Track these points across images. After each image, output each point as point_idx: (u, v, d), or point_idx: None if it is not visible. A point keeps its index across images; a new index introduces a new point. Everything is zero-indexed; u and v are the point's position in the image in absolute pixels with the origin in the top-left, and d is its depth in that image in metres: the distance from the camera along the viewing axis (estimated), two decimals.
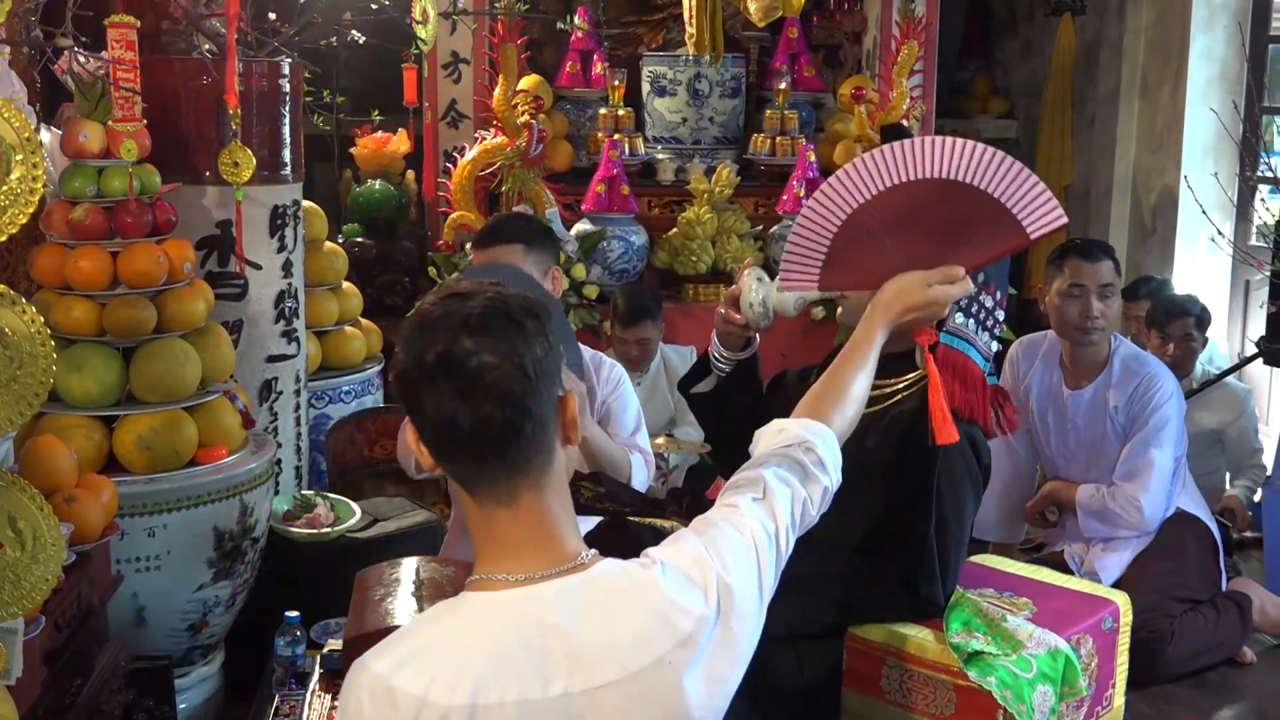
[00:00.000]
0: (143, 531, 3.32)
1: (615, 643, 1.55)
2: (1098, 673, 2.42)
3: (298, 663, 2.98)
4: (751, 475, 1.81)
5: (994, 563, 2.76)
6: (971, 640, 2.23)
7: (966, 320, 2.35)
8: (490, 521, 1.60)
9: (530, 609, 1.56)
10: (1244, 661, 3.47)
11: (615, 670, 1.54)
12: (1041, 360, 3.69)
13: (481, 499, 1.60)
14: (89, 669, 2.89)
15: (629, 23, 6.41)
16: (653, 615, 1.57)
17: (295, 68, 4.01)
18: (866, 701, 2.32)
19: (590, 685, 1.53)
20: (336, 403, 4.73)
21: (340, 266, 4.92)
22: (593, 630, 1.55)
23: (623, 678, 1.54)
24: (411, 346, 1.58)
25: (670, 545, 1.69)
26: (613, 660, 1.54)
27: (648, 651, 1.56)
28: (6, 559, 1.86)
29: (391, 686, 1.52)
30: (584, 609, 1.56)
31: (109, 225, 3.38)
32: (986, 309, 2.37)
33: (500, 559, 1.60)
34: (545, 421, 1.59)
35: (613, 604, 1.58)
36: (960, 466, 2.33)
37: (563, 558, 1.60)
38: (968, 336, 2.36)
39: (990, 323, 2.38)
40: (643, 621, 1.57)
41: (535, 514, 1.60)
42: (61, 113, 3.56)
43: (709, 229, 5.62)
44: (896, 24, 6.21)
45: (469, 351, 1.54)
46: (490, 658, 1.53)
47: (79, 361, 3.35)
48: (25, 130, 1.76)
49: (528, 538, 1.60)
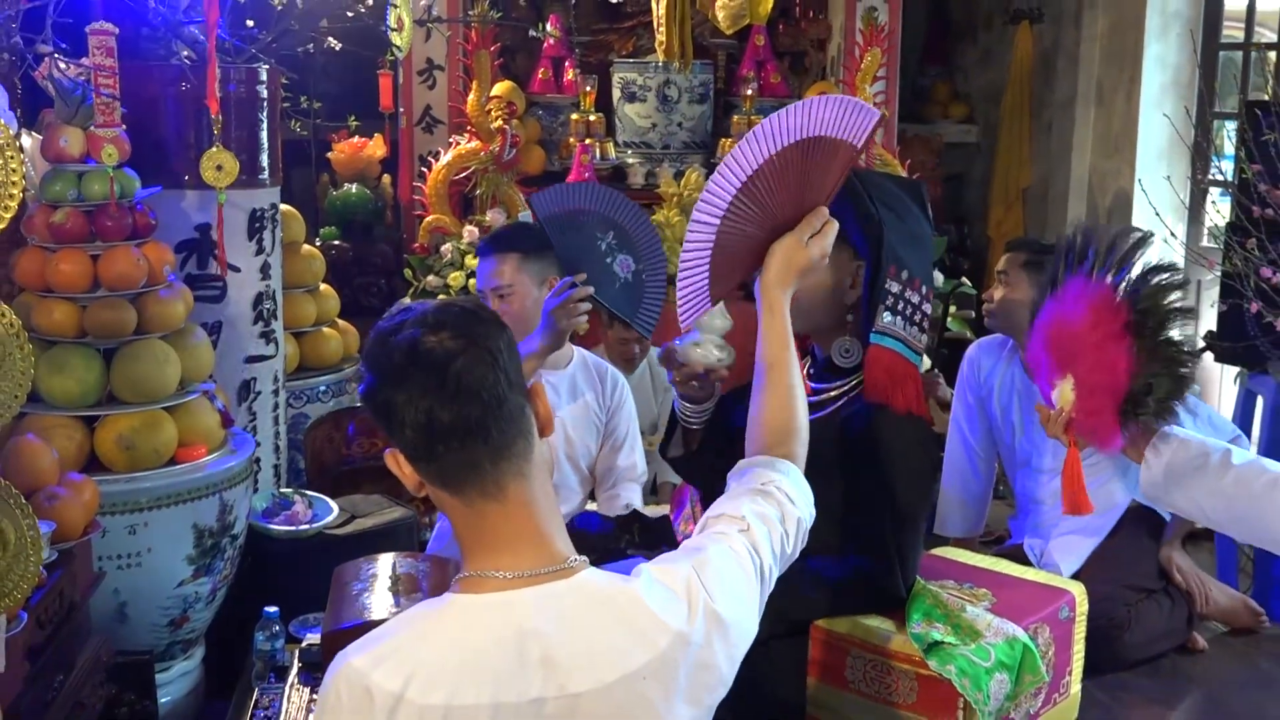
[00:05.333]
0: (124, 529, 3.31)
1: (592, 653, 1.53)
2: (1055, 660, 2.44)
3: (277, 657, 2.97)
4: (731, 511, 1.78)
5: (954, 555, 2.78)
6: (932, 630, 2.24)
7: (894, 319, 2.34)
8: (480, 518, 1.58)
9: (512, 614, 1.54)
10: (1196, 648, 3.49)
11: (590, 680, 1.52)
12: (1003, 360, 3.70)
13: (470, 495, 1.57)
14: (71, 664, 2.88)
15: (600, 30, 6.41)
16: (631, 630, 1.55)
17: (273, 74, 4.00)
18: (831, 691, 2.33)
19: (564, 693, 1.51)
20: (314, 402, 4.72)
21: (318, 269, 4.91)
22: (571, 639, 1.53)
23: (597, 688, 1.52)
24: (377, 358, 1.57)
25: (661, 563, 1.67)
26: (588, 671, 1.52)
27: (623, 665, 1.53)
28: None
29: (370, 683, 1.50)
30: (565, 616, 1.54)
31: (89, 229, 3.36)
32: (913, 304, 2.36)
33: (491, 555, 1.57)
34: (521, 405, 1.59)
35: (593, 614, 1.55)
36: (913, 463, 2.33)
37: (553, 558, 1.58)
38: (896, 334, 2.35)
39: (918, 317, 2.37)
40: (621, 635, 1.54)
41: (523, 506, 1.58)
42: (42, 118, 3.54)
43: (679, 231, 5.62)
44: (860, 32, 6.23)
45: (434, 344, 1.53)
46: (468, 660, 1.51)
47: (60, 362, 3.34)
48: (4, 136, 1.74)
49: (519, 533, 1.58)
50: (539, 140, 5.97)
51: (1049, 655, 2.40)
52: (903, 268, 2.35)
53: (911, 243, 2.40)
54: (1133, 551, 3.51)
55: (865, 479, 2.31)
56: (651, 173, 5.93)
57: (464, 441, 1.54)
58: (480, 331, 1.56)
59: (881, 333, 2.34)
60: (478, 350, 1.54)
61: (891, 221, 2.36)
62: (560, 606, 1.55)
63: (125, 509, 3.32)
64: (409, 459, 1.59)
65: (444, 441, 1.54)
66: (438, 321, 1.55)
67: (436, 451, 1.55)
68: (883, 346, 2.33)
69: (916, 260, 2.39)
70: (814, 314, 2.41)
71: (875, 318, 2.33)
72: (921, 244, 2.45)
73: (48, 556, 2.67)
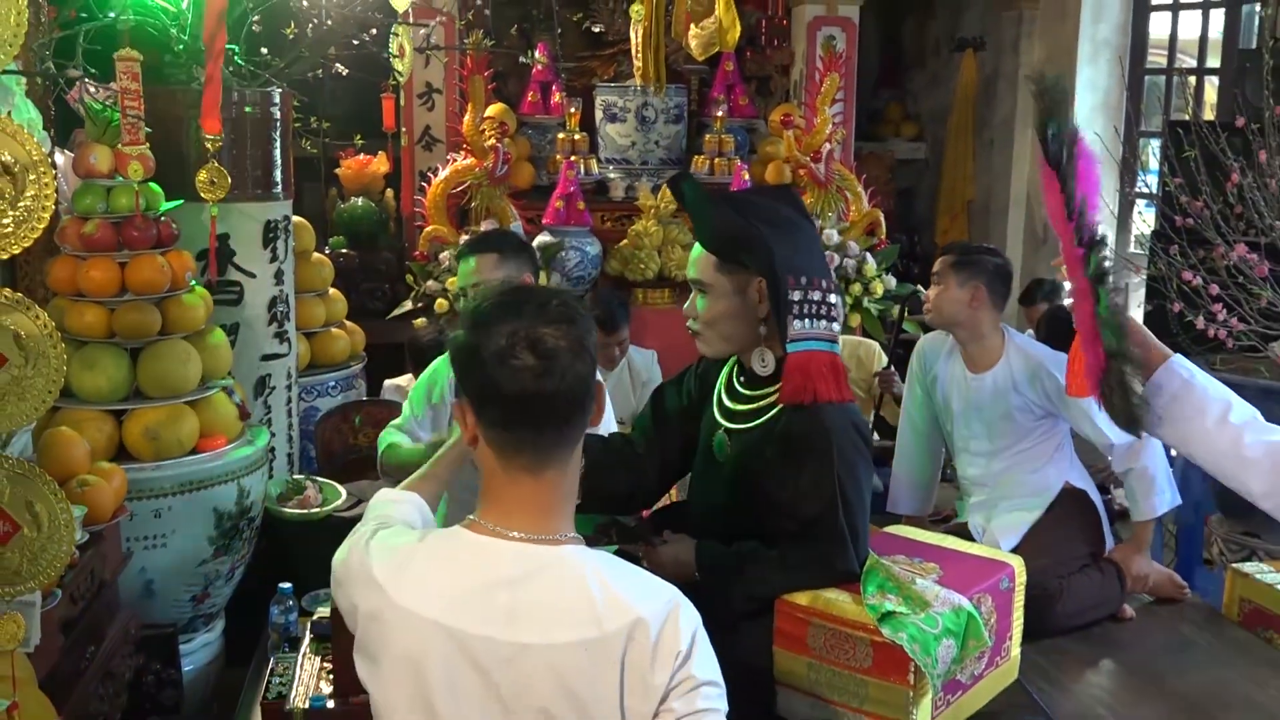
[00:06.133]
0: (150, 513, 3.30)
1: (547, 613, 1.53)
2: (997, 627, 2.45)
3: (290, 629, 2.96)
4: None
5: (906, 532, 2.78)
6: (885, 601, 2.24)
7: (803, 323, 2.32)
8: (510, 484, 1.60)
9: (496, 561, 1.57)
10: (1124, 617, 3.50)
11: (538, 636, 1.52)
12: (946, 354, 3.71)
13: (514, 464, 1.59)
14: (102, 636, 2.86)
15: (583, 57, 6.41)
16: (588, 603, 1.54)
17: (285, 97, 3.99)
18: (795, 658, 2.33)
19: (515, 640, 1.52)
20: (324, 396, 4.71)
21: (327, 275, 4.90)
22: (534, 597, 1.54)
23: (542, 644, 1.52)
24: (489, 332, 1.56)
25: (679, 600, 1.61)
26: (540, 627, 1.53)
27: (571, 632, 1.52)
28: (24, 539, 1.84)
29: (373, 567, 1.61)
30: (535, 577, 1.55)
31: (117, 238, 3.35)
32: (816, 301, 2.33)
33: (502, 515, 1.60)
34: (590, 403, 1.62)
35: (559, 583, 1.56)
36: (850, 452, 2.33)
37: (548, 530, 1.59)
38: (807, 335, 2.34)
39: (824, 310, 2.35)
40: (579, 604, 1.54)
41: (548, 486, 1.60)
42: (74, 137, 3.53)
43: (655, 240, 5.63)
44: (820, 58, 6.25)
45: (549, 335, 1.55)
46: (445, 585, 1.56)
47: (91, 361, 3.32)
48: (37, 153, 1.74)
49: (532, 504, 1.60)
50: (529, 157, 5.96)
51: (991, 622, 2.41)
52: (799, 274, 2.33)
53: (799, 247, 2.37)
54: (1065, 529, 3.53)
55: (808, 471, 2.31)
56: (631, 186, 5.94)
57: (545, 424, 1.57)
58: (584, 334, 1.59)
59: (794, 340, 2.32)
60: (583, 351, 1.57)
61: (774, 235, 2.33)
62: (535, 568, 1.56)
63: (151, 494, 3.31)
64: (478, 416, 1.60)
65: (527, 417, 1.56)
66: (558, 315, 1.57)
67: (514, 421, 1.57)
68: (798, 352, 2.32)
69: (808, 261, 2.37)
70: (734, 335, 2.42)
71: (786, 329, 2.32)
72: (808, 244, 2.42)
73: (80, 538, 2.67)
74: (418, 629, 1.54)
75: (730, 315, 2.39)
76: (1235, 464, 1.97)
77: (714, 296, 2.39)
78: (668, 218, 5.66)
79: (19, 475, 1.81)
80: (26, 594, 1.88)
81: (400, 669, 1.55)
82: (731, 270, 2.37)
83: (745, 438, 2.42)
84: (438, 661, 1.53)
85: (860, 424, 2.39)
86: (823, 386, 2.30)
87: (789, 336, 2.31)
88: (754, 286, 2.36)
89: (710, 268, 2.39)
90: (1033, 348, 3.62)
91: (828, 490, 2.29)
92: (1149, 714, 3.02)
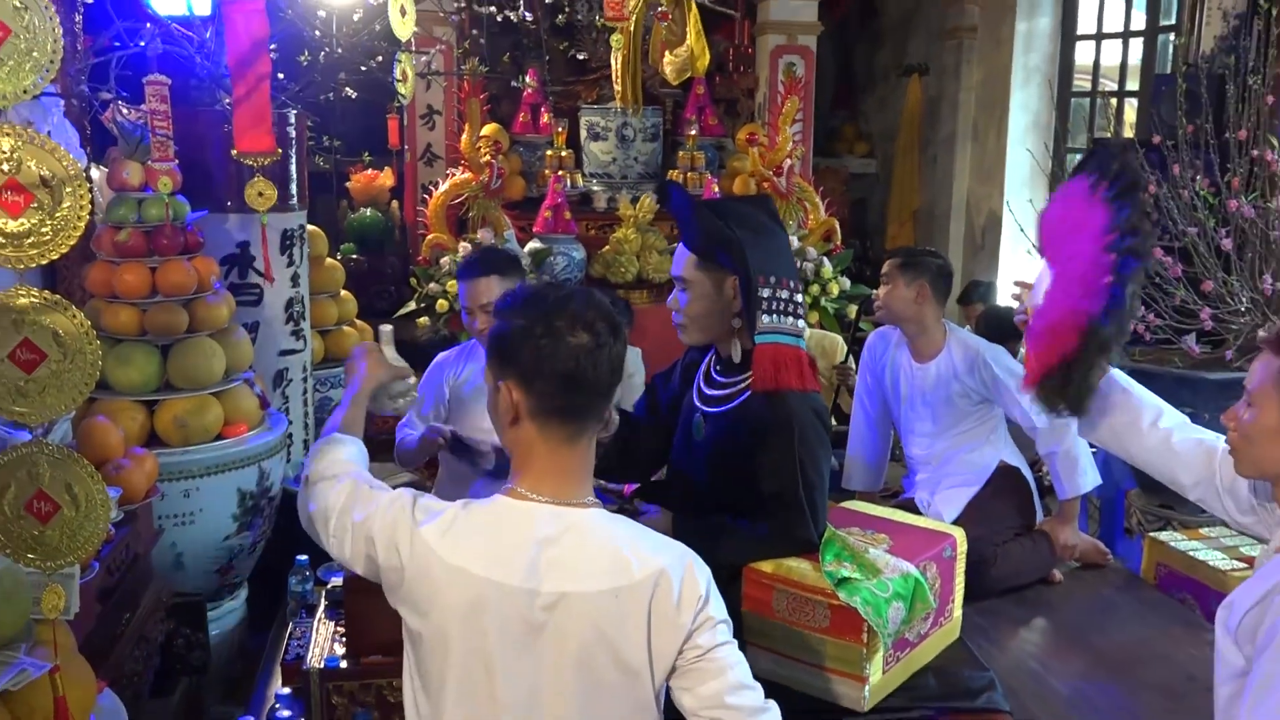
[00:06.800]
0: (179, 493, 3.28)
1: (582, 565, 1.57)
2: (941, 591, 2.45)
3: (307, 597, 2.94)
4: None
5: (859, 507, 2.78)
6: (841, 569, 2.24)
7: (771, 318, 2.32)
8: (551, 456, 1.62)
9: (533, 522, 1.59)
10: (1054, 581, 3.52)
11: (577, 584, 1.56)
12: (893, 346, 3.72)
13: (555, 435, 1.62)
14: (136, 604, 2.84)
15: (569, 82, 6.40)
16: (616, 557, 1.58)
17: (300, 118, 3.96)
18: (762, 620, 2.33)
19: (556, 589, 1.56)
20: (336, 387, 4.68)
21: (338, 278, 4.88)
22: (570, 552, 1.58)
23: (581, 592, 1.56)
24: (543, 316, 1.60)
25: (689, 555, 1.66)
26: (577, 577, 1.56)
27: (604, 581, 1.56)
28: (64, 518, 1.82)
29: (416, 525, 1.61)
30: (569, 535, 1.59)
31: (148, 246, 3.33)
32: (784, 299, 2.34)
33: (536, 481, 1.62)
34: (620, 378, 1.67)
35: (590, 538, 1.59)
36: (811, 434, 2.33)
37: (576, 494, 1.63)
38: (775, 329, 2.34)
39: (790, 307, 2.35)
40: (608, 558, 1.58)
41: (580, 456, 1.64)
42: (108, 155, 3.50)
43: (635, 246, 5.62)
44: (781, 83, 6.26)
45: (596, 319, 1.61)
46: (490, 544, 1.58)
47: (125, 356, 3.30)
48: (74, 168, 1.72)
49: (564, 471, 1.62)
50: (520, 172, 5.95)
51: (936, 587, 2.41)
52: (770, 274, 2.33)
53: (771, 250, 2.37)
54: (1000, 502, 3.54)
55: (773, 451, 2.31)
56: (612, 198, 5.93)
57: (592, 396, 1.62)
58: (619, 325, 1.64)
59: (763, 333, 2.33)
60: (620, 333, 1.64)
61: (750, 239, 2.33)
62: (568, 526, 1.60)
63: (180, 476, 3.29)
64: (526, 393, 1.61)
65: (579, 389, 1.60)
66: (597, 304, 1.64)
67: (558, 396, 1.60)
68: (765, 344, 2.32)
69: (778, 263, 2.37)
70: (710, 327, 2.42)
71: (756, 322, 2.32)
72: (779, 248, 2.42)
73: (115, 516, 2.65)
74: (468, 584, 1.57)
75: (707, 309, 2.39)
76: (1166, 459, 2.01)
77: (694, 292, 2.40)
78: (645, 226, 5.66)
79: (58, 460, 1.80)
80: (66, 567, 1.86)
81: (453, 620, 1.58)
82: (710, 269, 2.37)
83: (719, 420, 2.42)
84: (489, 613, 1.56)
85: (821, 410, 2.40)
86: (785, 375, 2.31)
87: (757, 329, 2.32)
88: (729, 284, 2.36)
89: (691, 266, 2.40)
90: (971, 340, 3.63)
91: (790, 468, 2.29)
92: (1076, 667, 3.04)
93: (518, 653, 1.57)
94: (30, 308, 1.73)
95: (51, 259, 1.71)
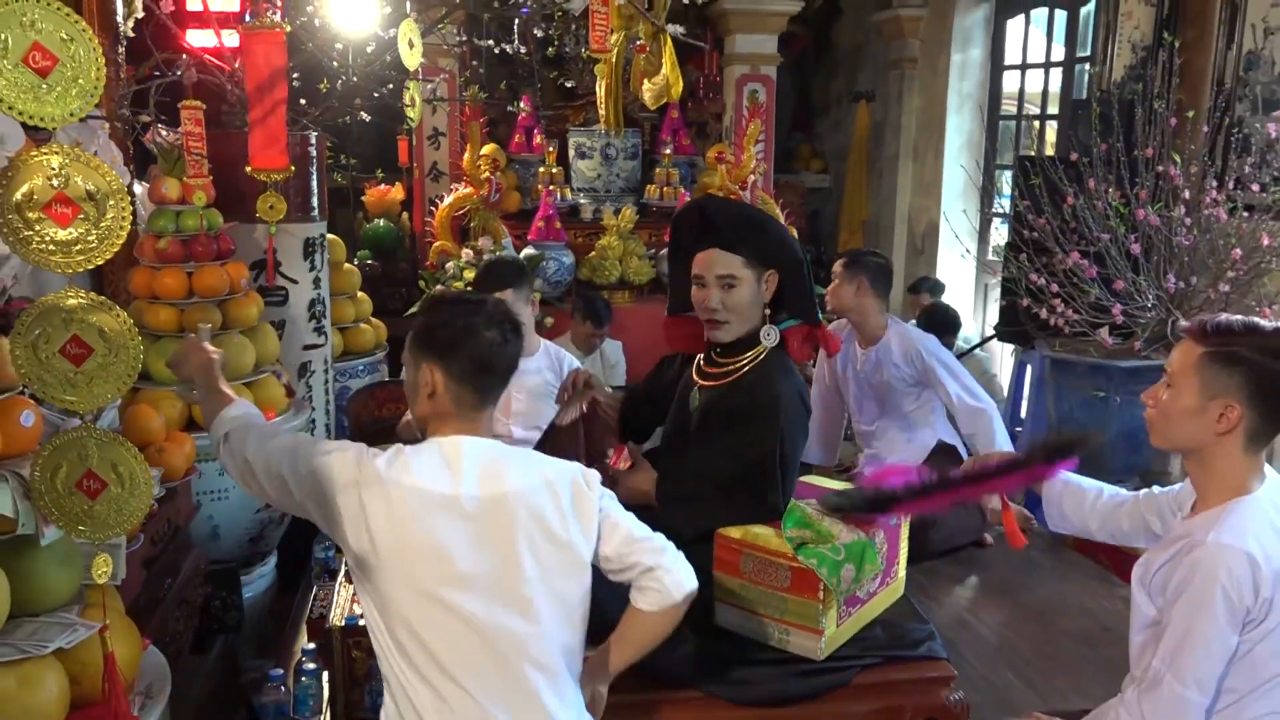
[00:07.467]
0: (215, 472, 3.25)
1: (510, 469, 1.76)
2: (887, 554, 2.46)
3: (330, 563, 2.94)
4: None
5: (816, 480, 2.78)
6: (801, 535, 2.25)
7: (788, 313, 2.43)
8: (463, 418, 1.80)
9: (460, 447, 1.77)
10: (985, 544, 3.54)
11: (511, 483, 1.74)
12: (845, 336, 3.73)
13: (466, 407, 1.80)
14: (177, 571, 2.82)
15: (559, 107, 6.37)
16: (538, 463, 1.81)
17: (320, 139, 3.93)
18: (731, 580, 2.33)
19: (497, 490, 1.74)
20: (354, 378, 4.66)
21: (355, 281, 4.84)
22: (500, 464, 1.76)
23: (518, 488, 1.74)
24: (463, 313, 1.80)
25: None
26: (508, 478, 1.75)
27: (531, 478, 1.76)
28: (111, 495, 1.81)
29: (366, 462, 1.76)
30: (496, 454, 1.79)
31: (185, 253, 3.29)
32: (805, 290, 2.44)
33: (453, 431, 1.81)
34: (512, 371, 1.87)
35: (508, 454, 1.80)
36: (794, 414, 2.34)
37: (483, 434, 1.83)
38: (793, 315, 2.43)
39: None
40: (532, 464, 1.80)
41: (484, 424, 1.84)
42: (149, 172, 3.46)
43: (617, 252, 5.61)
44: (746, 107, 6.26)
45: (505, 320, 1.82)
46: (430, 463, 1.75)
47: (165, 351, 3.26)
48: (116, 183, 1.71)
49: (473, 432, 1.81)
50: (516, 187, 5.92)
51: (883, 550, 2.42)
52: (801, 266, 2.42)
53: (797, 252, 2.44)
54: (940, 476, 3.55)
55: (757, 425, 2.31)
56: (597, 210, 5.91)
57: (491, 382, 1.81)
58: (520, 327, 1.85)
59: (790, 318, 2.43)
60: (518, 336, 1.84)
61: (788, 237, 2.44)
62: (495, 450, 1.80)
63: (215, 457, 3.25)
64: (445, 373, 1.79)
65: (482, 376, 1.80)
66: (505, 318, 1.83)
67: (479, 378, 1.79)
68: (788, 328, 2.41)
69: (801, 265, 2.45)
70: (751, 318, 2.39)
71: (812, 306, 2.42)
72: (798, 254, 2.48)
73: (158, 493, 2.63)
74: (425, 499, 1.71)
75: (752, 300, 2.37)
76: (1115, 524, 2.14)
77: (743, 288, 2.36)
78: (627, 234, 5.65)
79: (105, 443, 1.79)
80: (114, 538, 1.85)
81: (413, 529, 1.70)
82: (754, 265, 2.36)
83: (712, 392, 2.42)
84: (444, 519, 1.70)
85: (804, 394, 2.40)
86: (804, 352, 2.41)
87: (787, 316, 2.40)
88: (767, 276, 2.37)
89: (739, 264, 2.36)
90: (910, 332, 3.64)
91: (771, 442, 2.30)
92: (1005, 618, 3.06)
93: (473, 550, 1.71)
94: (79, 308, 1.73)
95: (97, 264, 1.69)
